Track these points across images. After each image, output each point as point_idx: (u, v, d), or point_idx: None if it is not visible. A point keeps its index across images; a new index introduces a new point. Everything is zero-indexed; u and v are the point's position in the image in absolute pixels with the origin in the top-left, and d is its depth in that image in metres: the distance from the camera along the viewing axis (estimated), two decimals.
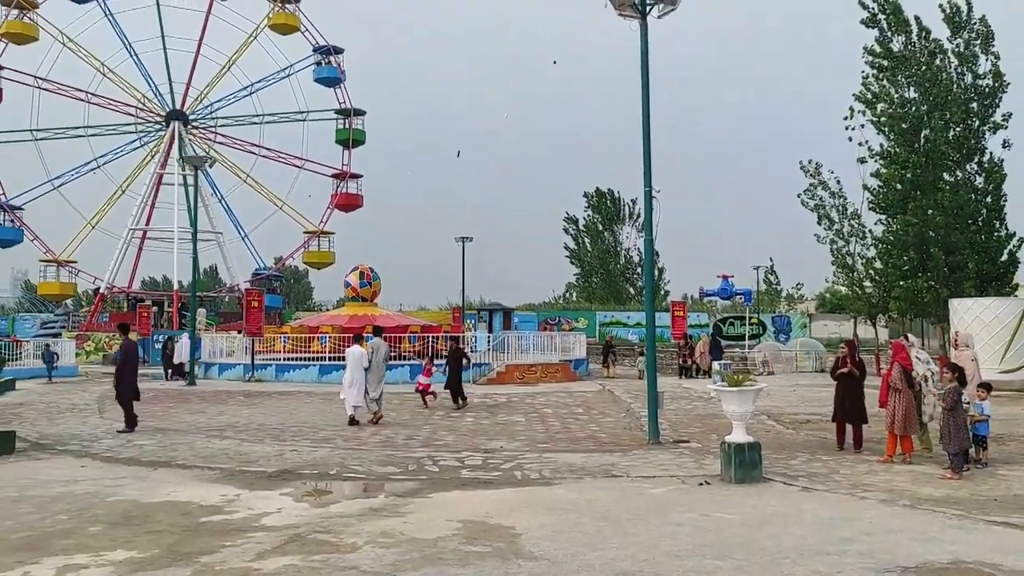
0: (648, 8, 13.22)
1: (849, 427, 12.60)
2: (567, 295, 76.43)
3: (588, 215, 73.23)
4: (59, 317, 50.32)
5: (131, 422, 15.13)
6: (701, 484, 9.88)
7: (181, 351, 29.68)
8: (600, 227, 72.60)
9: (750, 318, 47.10)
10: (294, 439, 14.12)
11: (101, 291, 51.25)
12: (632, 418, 16.77)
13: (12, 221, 49.59)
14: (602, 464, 11.38)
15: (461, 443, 13.64)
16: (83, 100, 51.02)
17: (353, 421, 16.05)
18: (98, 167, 51.94)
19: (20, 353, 31.65)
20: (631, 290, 70.55)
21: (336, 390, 23.77)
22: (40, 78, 49.75)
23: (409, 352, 28.73)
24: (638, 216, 69.22)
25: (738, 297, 45.56)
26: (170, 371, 29.86)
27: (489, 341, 29.46)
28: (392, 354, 27.77)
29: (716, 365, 14.65)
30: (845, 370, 12.69)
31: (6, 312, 69.80)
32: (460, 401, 19.38)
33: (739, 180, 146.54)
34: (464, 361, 20.53)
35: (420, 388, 19.75)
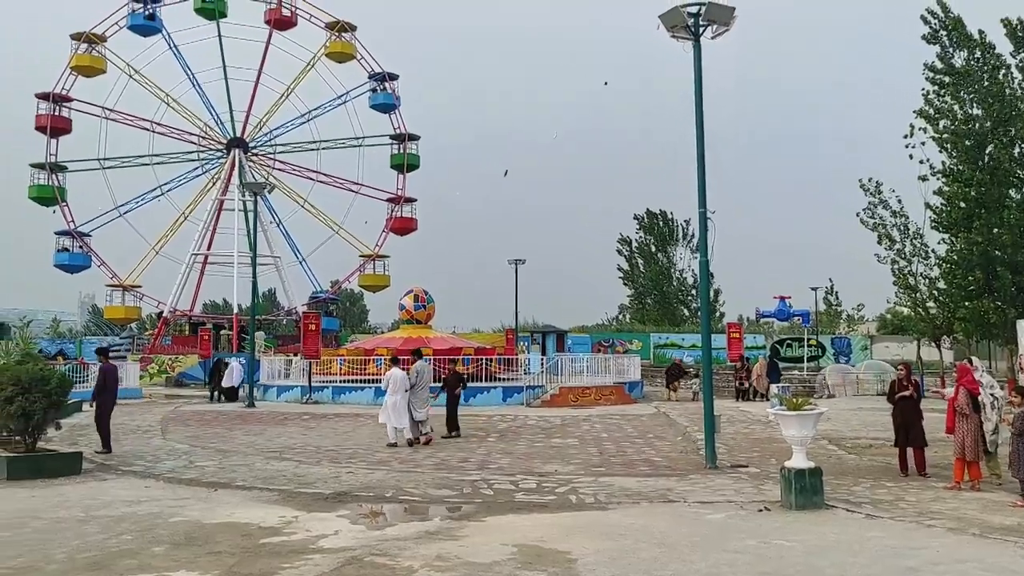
0: (701, 30, 13.19)
1: (911, 451, 12.26)
2: (620, 317, 75.99)
3: (641, 236, 72.90)
4: (124, 340, 51.67)
5: (106, 443, 15.46)
6: (761, 510, 9.69)
7: (231, 374, 30.56)
8: (653, 248, 72.16)
9: (808, 340, 46.22)
10: (350, 461, 14.25)
11: (164, 315, 52.54)
12: (688, 442, 16.54)
13: (81, 247, 51.26)
14: (658, 489, 11.24)
15: (516, 466, 13.61)
16: (148, 130, 52.64)
17: (394, 444, 16.23)
18: (162, 194, 53.43)
19: (87, 376, 32.52)
20: (685, 312, 69.81)
21: None
22: (108, 109, 51.49)
23: (464, 374, 28.76)
24: (692, 237, 68.65)
25: (796, 318, 44.81)
26: (217, 393, 30.64)
27: (543, 363, 29.40)
28: (446, 376, 28.09)
29: (774, 388, 14.40)
30: (906, 393, 12.37)
31: (74, 335, 71.94)
32: (454, 432, 18.06)
33: (796, 198, 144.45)
34: (460, 386, 19.46)
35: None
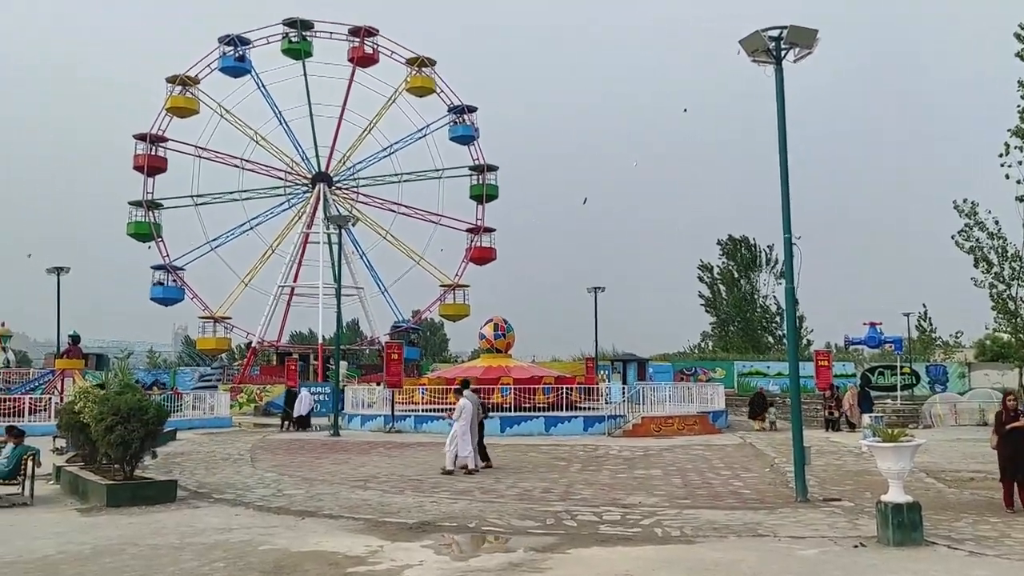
0: (783, 53, 13.01)
1: (1017, 486, 11.64)
2: (703, 345, 74.71)
3: (723, 262, 71.73)
4: (215, 370, 53.32)
5: None
6: (856, 546, 9.32)
7: (301, 403, 31.56)
8: (736, 274, 70.89)
9: (902, 367, 44.53)
10: (433, 490, 14.32)
11: (253, 345, 54.07)
12: (777, 474, 16.08)
13: (175, 281, 53.29)
14: (746, 522, 10.94)
15: (599, 497, 13.45)
16: (238, 167, 54.58)
17: (450, 472, 16.53)
18: (251, 228, 55.21)
19: (180, 405, 33.67)
20: (770, 339, 68.18)
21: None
22: (201, 148, 53.63)
23: (544, 403, 28.72)
24: (775, 263, 67.22)
25: (887, 345, 43.23)
26: (288, 423, 31.50)
27: (624, 392, 29.09)
28: (527, 405, 28.17)
29: (867, 419, 13.91)
30: (1020, 424, 11.75)
31: (169, 366, 74.64)
32: (485, 462, 17.62)
33: (884, 221, 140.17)
34: (484, 414, 18.86)
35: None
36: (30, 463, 13.58)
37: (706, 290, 72.44)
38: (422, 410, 29.95)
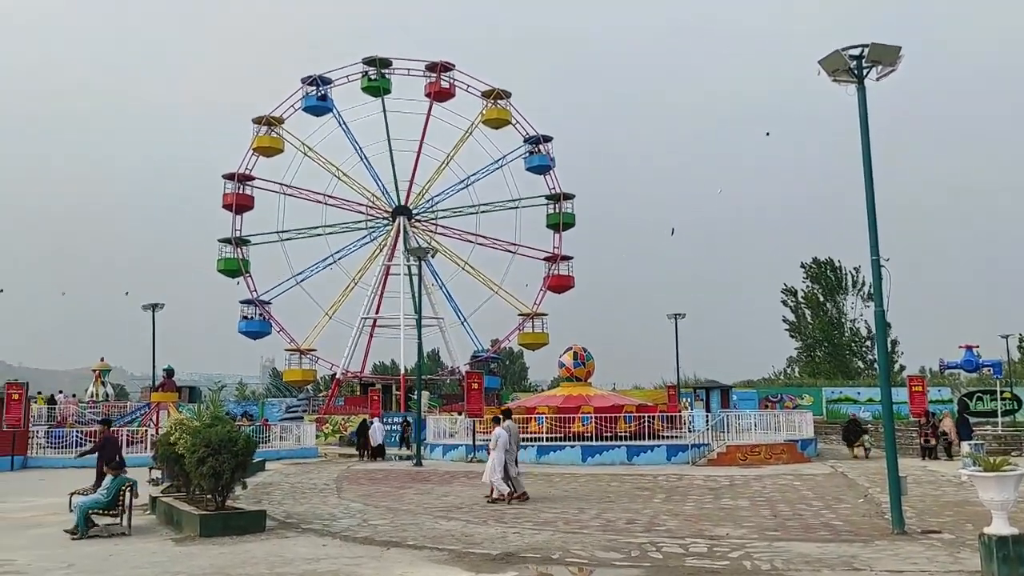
0: (865, 72, 12.71)
1: None
2: (788, 370, 72.77)
3: (807, 286, 69.95)
4: (301, 401, 54.48)
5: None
6: None
7: (375, 433, 32.28)
8: (821, 298, 68.99)
9: (1002, 392, 42.46)
10: (515, 521, 14.27)
11: (337, 376, 55.12)
12: (871, 504, 15.49)
13: (262, 315, 54.86)
14: (841, 555, 10.55)
15: (684, 528, 13.18)
16: (321, 202, 56.11)
17: (495, 500, 16.85)
18: (334, 262, 56.53)
19: (268, 436, 34.49)
20: (860, 364, 65.97)
21: (553, 471, 24.04)
22: (285, 185, 55.38)
23: (625, 432, 28.39)
24: (863, 285, 65.21)
25: (986, 369, 41.30)
26: (365, 452, 32.19)
27: (707, 420, 28.52)
28: (608, 434, 27.88)
29: (967, 447, 13.31)
30: None
31: (257, 397, 76.59)
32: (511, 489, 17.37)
33: (980, 242, 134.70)
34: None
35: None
36: (128, 494, 14.10)
37: (790, 314, 70.73)
38: None
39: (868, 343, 64.93)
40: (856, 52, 12.59)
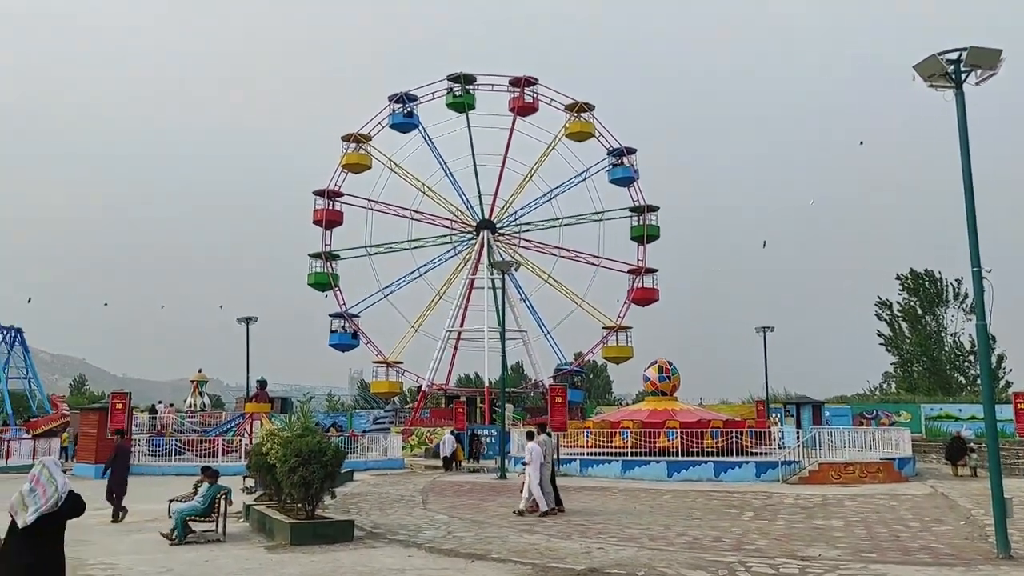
0: (963, 76, 12.23)
1: None
2: (884, 386, 70.14)
3: (903, 298, 67.37)
4: (388, 413, 55.30)
5: (116, 513, 17.02)
6: None
7: (445, 445, 33.26)
8: (919, 311, 66.34)
9: None
10: (600, 536, 14.15)
11: (423, 388, 55.79)
12: (974, 527, 14.78)
13: (350, 328, 56.01)
14: None
15: (774, 548, 12.83)
16: (407, 217, 57.01)
17: (523, 512, 17.14)
18: (419, 276, 57.28)
19: (357, 447, 35.11)
20: (961, 379, 63.08)
21: (637, 486, 23.77)
22: (373, 201, 56.46)
23: (712, 448, 27.86)
24: (965, 297, 62.46)
25: None
26: (452, 463, 32.98)
27: (798, 437, 27.74)
28: (694, 450, 27.39)
29: None
30: None
31: (345, 409, 78.14)
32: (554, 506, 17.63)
33: None
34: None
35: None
36: (223, 502, 14.58)
37: (886, 328, 68.23)
38: (587, 453, 29.77)
39: (971, 358, 62.10)
40: (954, 56, 12.14)
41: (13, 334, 55.06)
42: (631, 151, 57.25)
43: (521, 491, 18.00)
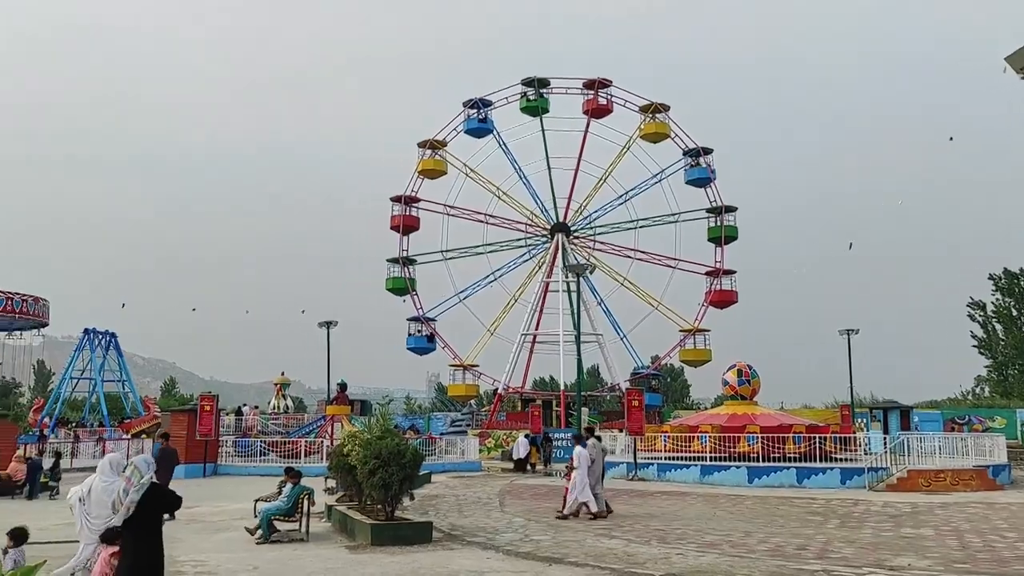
0: None
1: None
2: (977, 390, 67.37)
3: (997, 299, 64.63)
4: (465, 416, 55.73)
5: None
6: None
7: (518, 448, 33.60)
8: (1014, 312, 63.55)
9: None
10: (679, 542, 13.98)
11: (499, 392, 56.06)
12: None
13: (427, 331, 56.68)
14: None
15: (860, 557, 12.46)
16: (482, 222, 57.41)
17: (564, 516, 17.21)
18: (495, 279, 57.64)
19: (434, 449, 35.48)
20: None
21: (717, 492, 23.39)
22: (448, 206, 57.09)
23: (794, 453, 27.20)
24: None
25: None
26: (527, 465, 33.47)
27: (886, 443, 26.87)
28: (775, 455, 26.79)
29: None
30: None
31: (423, 411, 79.08)
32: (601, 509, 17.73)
33: None
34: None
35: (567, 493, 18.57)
36: (306, 502, 14.93)
37: (979, 330, 65.57)
38: (665, 458, 29.44)
39: None
40: None
41: (108, 339, 57.46)
42: (707, 151, 56.47)
43: (565, 494, 18.12)
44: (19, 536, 9.09)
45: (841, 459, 27.34)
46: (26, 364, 69.49)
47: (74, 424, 53.21)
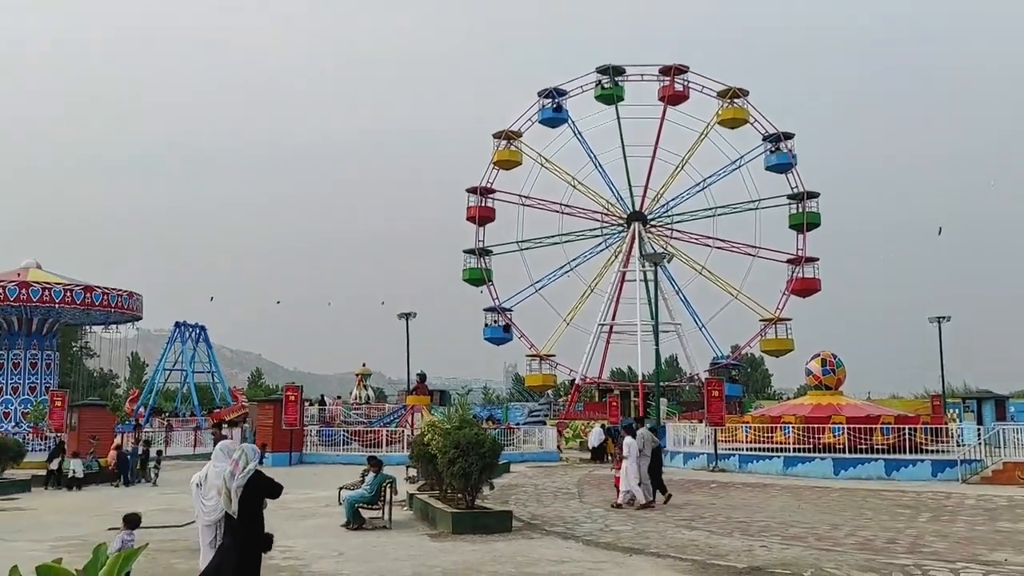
0: None
1: None
2: None
3: None
4: (542, 406, 55.85)
5: None
6: None
7: (592, 437, 34.05)
8: None
9: None
10: (762, 534, 13.75)
11: (576, 382, 55.98)
12: None
13: (504, 322, 56.96)
14: None
15: (954, 552, 12.05)
16: (558, 211, 57.28)
17: (619, 506, 17.24)
18: (571, 270, 57.47)
19: (513, 439, 35.70)
20: None
21: (801, 483, 22.92)
22: (524, 196, 57.11)
23: (883, 445, 26.42)
24: None
25: None
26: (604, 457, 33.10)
27: (979, 434, 25.86)
28: (863, 447, 26.07)
29: None
30: None
31: (500, 401, 79.59)
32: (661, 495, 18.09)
33: None
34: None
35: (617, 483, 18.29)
36: (388, 490, 15.21)
37: None
38: (746, 449, 28.95)
39: None
40: None
41: (198, 331, 59.58)
42: (788, 136, 55.11)
43: (616, 485, 18.12)
44: (133, 521, 9.67)
45: (932, 451, 26.46)
46: (121, 356, 72.83)
47: (167, 414, 55.41)
